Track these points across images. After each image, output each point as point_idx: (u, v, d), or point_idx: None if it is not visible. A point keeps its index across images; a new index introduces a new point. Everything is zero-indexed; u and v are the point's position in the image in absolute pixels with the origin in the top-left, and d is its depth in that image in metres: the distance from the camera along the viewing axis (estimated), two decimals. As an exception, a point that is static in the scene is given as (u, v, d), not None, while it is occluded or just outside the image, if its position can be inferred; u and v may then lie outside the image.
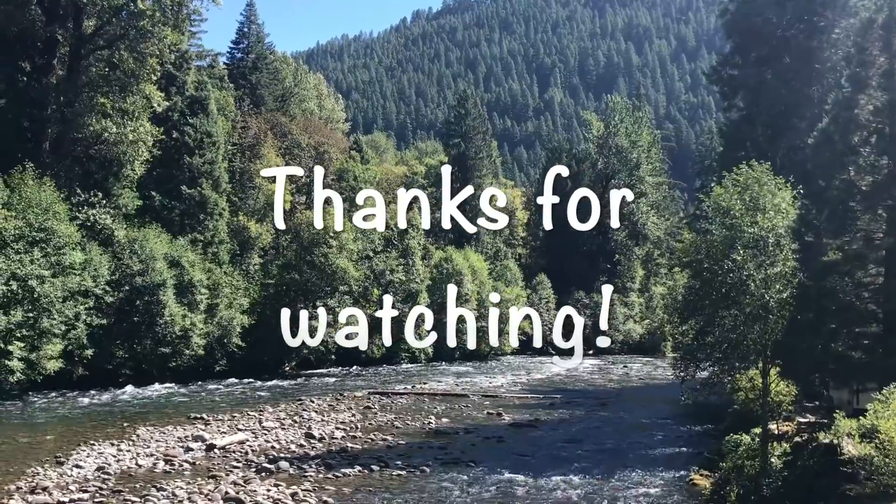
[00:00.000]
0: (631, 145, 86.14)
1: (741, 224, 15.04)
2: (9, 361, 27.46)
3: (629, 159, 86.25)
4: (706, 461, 17.20)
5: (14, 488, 14.02)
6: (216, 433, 20.61)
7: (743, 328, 15.12)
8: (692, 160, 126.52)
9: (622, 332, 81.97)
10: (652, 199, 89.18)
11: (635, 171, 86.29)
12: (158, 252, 35.38)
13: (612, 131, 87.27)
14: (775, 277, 14.61)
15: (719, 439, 17.72)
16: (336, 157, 59.05)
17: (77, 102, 36.55)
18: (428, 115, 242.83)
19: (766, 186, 15.38)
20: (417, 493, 14.51)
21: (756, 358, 15.33)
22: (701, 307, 17.68)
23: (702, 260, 17.43)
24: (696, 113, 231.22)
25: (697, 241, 18.63)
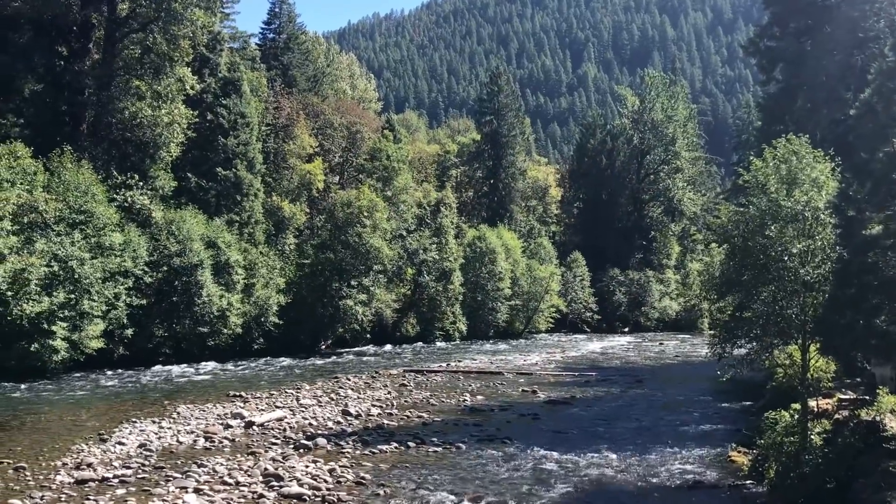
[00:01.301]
0: (666, 120, 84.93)
1: (777, 198, 14.77)
2: (52, 342, 28.10)
3: (665, 134, 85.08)
4: (744, 438, 17.05)
5: (60, 464, 14.37)
6: (255, 410, 20.90)
7: (781, 304, 14.90)
8: (729, 134, 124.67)
9: (658, 310, 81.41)
10: (688, 175, 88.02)
11: (671, 146, 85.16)
12: (195, 233, 35.80)
13: (647, 106, 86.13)
14: (813, 252, 14.35)
15: (757, 416, 17.55)
16: (368, 137, 59.12)
17: (112, 86, 36.99)
18: (460, 93, 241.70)
19: (804, 160, 15.07)
20: (453, 470, 14.59)
21: (795, 334, 15.11)
22: (738, 283, 17.43)
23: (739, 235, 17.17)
24: (732, 86, 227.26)
25: (734, 215, 18.34)
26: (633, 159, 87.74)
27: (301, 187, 50.78)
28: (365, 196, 46.21)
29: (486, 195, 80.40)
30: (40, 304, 27.43)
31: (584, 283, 75.74)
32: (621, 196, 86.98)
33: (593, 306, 76.23)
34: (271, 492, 12.59)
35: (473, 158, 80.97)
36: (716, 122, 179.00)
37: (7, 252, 26.99)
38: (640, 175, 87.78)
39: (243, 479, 13.38)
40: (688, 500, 12.73)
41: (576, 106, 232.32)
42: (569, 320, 75.25)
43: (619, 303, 79.47)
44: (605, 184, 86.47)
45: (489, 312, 61.41)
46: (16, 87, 35.78)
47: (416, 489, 13.06)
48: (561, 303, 70.43)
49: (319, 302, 43.92)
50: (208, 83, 42.49)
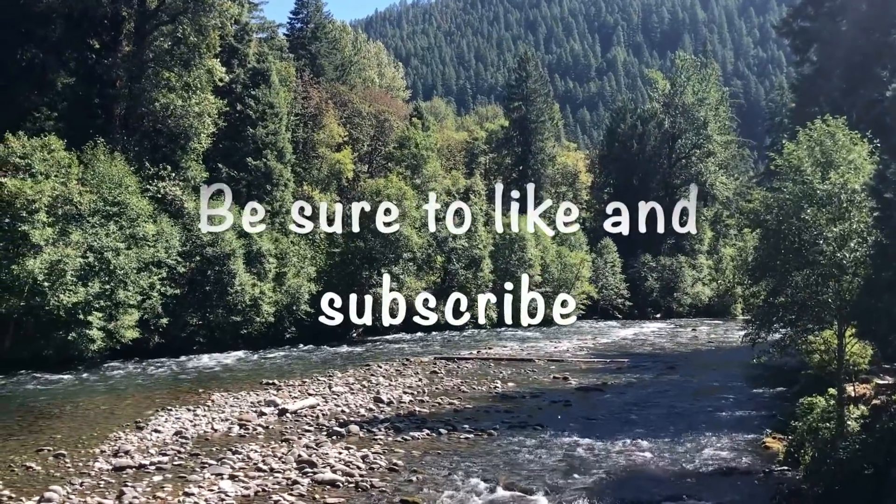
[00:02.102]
0: (698, 103, 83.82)
1: (812, 181, 14.53)
2: (89, 331, 28.59)
3: (696, 118, 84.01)
4: (779, 424, 16.85)
5: (98, 451, 14.64)
6: (288, 398, 21.10)
7: (816, 288, 14.68)
8: (762, 117, 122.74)
9: (690, 296, 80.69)
10: (720, 159, 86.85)
11: (703, 130, 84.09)
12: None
13: (678, 90, 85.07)
14: (849, 235, 14.10)
15: (792, 402, 17.32)
16: (397, 125, 59.19)
17: (143, 78, 37.37)
18: (488, 80, 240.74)
19: (839, 142, 14.80)
20: (485, 457, 14.61)
21: (830, 319, 14.88)
22: (772, 267, 17.20)
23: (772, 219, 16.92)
24: (765, 68, 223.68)
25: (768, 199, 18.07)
26: (664, 144, 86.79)
27: (331, 176, 51.03)
28: (394, 184, 46.30)
29: (515, 182, 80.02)
30: (76, 295, 27.90)
31: (615, 270, 75.30)
32: (652, 181, 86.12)
33: (624, 293, 75.78)
34: (305, 478, 12.71)
35: (502, 145, 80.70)
36: (748, 104, 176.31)
37: (43, 243, 27.48)
38: (671, 159, 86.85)
39: (277, 465, 13.52)
40: (722, 486, 12.63)
41: (605, 90, 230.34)
42: (600, 307, 74.87)
43: (651, 289, 78.90)
44: (636, 169, 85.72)
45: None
46: (48, 81, 36.28)
47: (449, 475, 13.11)
48: (592, 289, 70.11)
49: (350, 290, 44.12)
50: (237, 74, 42.78)
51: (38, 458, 14.05)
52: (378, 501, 11.65)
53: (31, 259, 26.95)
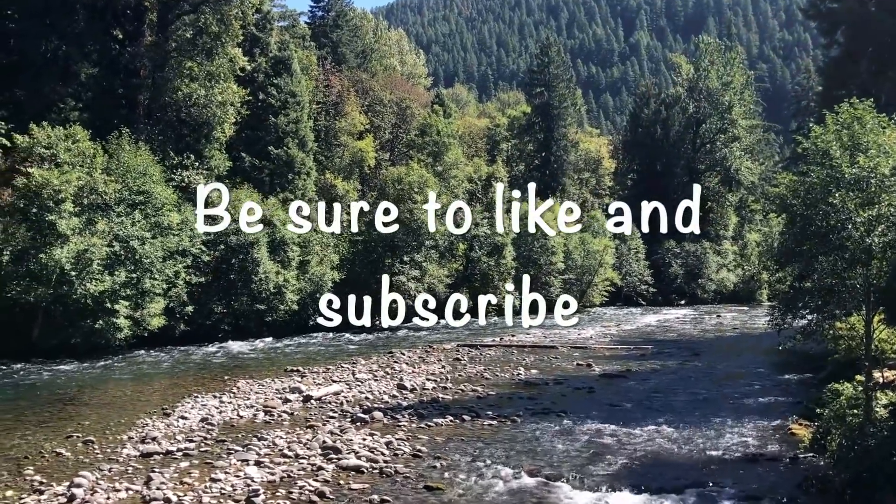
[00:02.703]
0: (723, 88, 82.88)
1: (840, 165, 14.30)
2: (116, 319, 28.95)
3: (721, 102, 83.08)
4: (805, 411, 16.70)
5: (126, 438, 14.83)
6: (312, 385, 21.23)
7: (844, 273, 14.48)
8: (788, 101, 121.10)
9: (715, 282, 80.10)
10: (745, 143, 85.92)
11: (727, 115, 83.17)
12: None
13: (702, 74, 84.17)
14: (878, 220, 13.88)
15: (819, 389, 17.17)
16: (418, 113, 59.12)
17: (166, 67, 37.62)
18: (510, 66, 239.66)
19: (868, 125, 14.54)
20: (509, 443, 14.62)
21: (858, 304, 14.68)
22: (798, 253, 17.00)
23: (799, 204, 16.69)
24: (791, 51, 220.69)
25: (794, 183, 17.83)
26: (688, 129, 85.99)
27: (353, 164, 51.12)
28: (415, 172, 46.29)
29: (537, 168, 79.80)
30: (103, 284, 28.24)
31: (639, 256, 74.91)
32: (676, 166, 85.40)
33: (648, 279, 75.38)
34: (330, 464, 12.80)
35: (524, 131, 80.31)
36: (774, 88, 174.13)
37: (70, 233, 27.81)
38: (695, 145, 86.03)
39: (302, 451, 13.62)
40: (747, 473, 12.55)
41: (628, 75, 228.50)
42: (623, 293, 74.56)
43: (675, 275, 78.39)
44: (660, 154, 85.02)
45: (542, 287, 61.14)
46: (73, 72, 36.58)
47: (473, 462, 13.14)
48: (615, 276, 69.80)
49: (373, 278, 44.25)
50: (259, 63, 42.92)
51: (67, 445, 14.26)
52: (402, 487, 11.70)
53: (59, 248, 27.30)
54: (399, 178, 45.66)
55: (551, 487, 11.74)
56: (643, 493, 11.38)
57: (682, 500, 11.15)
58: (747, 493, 11.38)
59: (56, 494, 11.10)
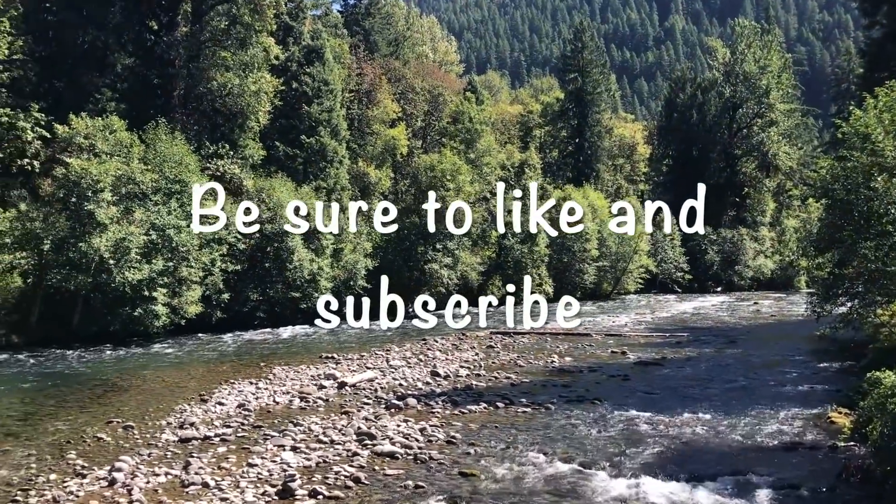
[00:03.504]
0: (760, 71, 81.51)
1: (883, 149, 14.00)
2: (154, 307, 29.39)
3: (758, 86, 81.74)
4: (845, 399, 16.42)
5: (165, 423, 15.06)
6: (346, 371, 21.37)
7: (886, 259, 14.21)
8: (827, 84, 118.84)
9: (752, 268, 79.09)
10: (783, 128, 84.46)
11: (764, 99, 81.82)
12: (285, 200, 36.60)
13: (738, 57, 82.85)
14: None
15: (859, 376, 16.84)
16: (450, 100, 58.96)
17: (201, 57, 37.96)
18: (542, 51, 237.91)
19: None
20: (543, 430, 14.58)
21: (901, 290, 14.40)
22: (839, 239, 16.71)
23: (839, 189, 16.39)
24: (831, 33, 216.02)
25: (834, 168, 17.49)
26: (724, 113, 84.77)
27: (385, 152, 51.18)
28: (448, 159, 46.23)
29: (571, 155, 79.27)
30: (141, 272, 28.66)
31: (675, 243, 74.20)
32: (712, 152, 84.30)
33: (684, 266, 74.65)
34: (365, 450, 12.87)
35: (557, 118, 79.75)
36: (813, 71, 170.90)
37: (108, 222, 28.24)
38: (732, 129, 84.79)
39: (338, 437, 13.72)
40: (786, 461, 12.38)
41: (663, 60, 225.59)
42: (659, 281, 73.96)
43: (711, 262, 77.53)
44: (696, 140, 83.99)
45: (576, 274, 60.94)
46: (109, 63, 37.12)
47: (507, 448, 13.13)
48: (650, 263, 69.25)
49: (406, 266, 44.42)
50: (292, 52, 43.10)
51: (107, 430, 14.52)
52: (437, 473, 11.73)
53: (97, 237, 27.75)
54: (431, 166, 45.66)
55: (586, 474, 11.69)
56: (679, 480, 11.28)
57: (718, 488, 11.03)
58: (785, 481, 11.23)
59: (97, 478, 11.31)
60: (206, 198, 28.00)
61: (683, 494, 10.77)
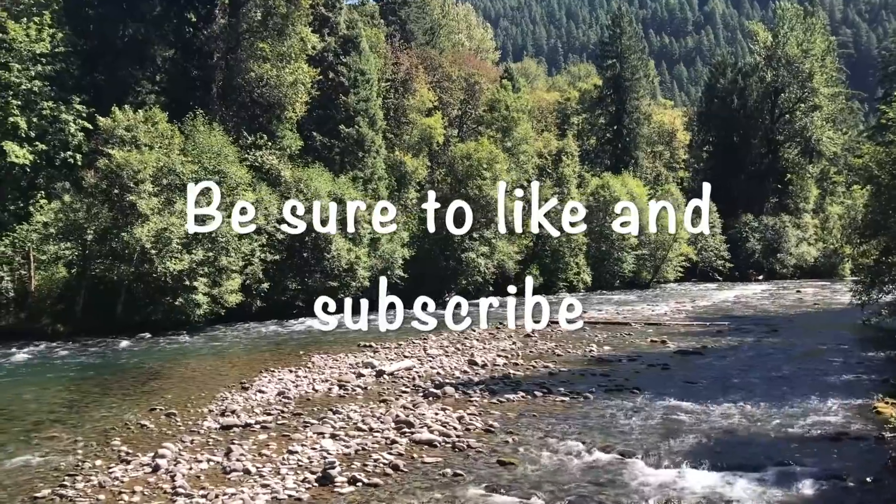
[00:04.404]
0: (802, 55, 79.82)
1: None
2: (195, 296, 29.81)
3: (801, 70, 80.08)
4: (891, 389, 16.09)
5: (207, 411, 15.27)
6: (384, 360, 21.48)
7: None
8: (874, 67, 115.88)
9: (795, 256, 77.79)
10: (827, 112, 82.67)
11: (808, 83, 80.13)
12: (322, 190, 36.84)
13: (780, 41, 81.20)
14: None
15: (907, 366, 16.49)
16: (487, 88, 58.75)
17: (239, 49, 38.27)
18: (580, 38, 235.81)
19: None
20: (581, 419, 14.50)
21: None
22: (885, 225, 16.31)
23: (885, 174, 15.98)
24: (877, 14, 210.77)
25: (880, 153, 17.07)
26: (766, 98, 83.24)
27: (422, 141, 51.22)
28: (484, 148, 46.10)
29: (609, 142, 78.57)
30: (182, 262, 29.06)
31: (715, 231, 73.24)
32: (754, 138, 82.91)
33: (725, 254, 73.69)
34: (403, 438, 12.92)
35: (595, 104, 79.06)
36: (858, 54, 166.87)
37: (150, 213, 28.67)
38: (774, 115, 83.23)
39: (376, 425, 13.79)
40: (829, 452, 12.15)
41: (703, 45, 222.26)
42: (699, 269, 73.13)
43: (753, 250, 76.41)
44: (737, 126, 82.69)
45: (615, 262, 60.51)
46: (149, 56, 37.59)
47: (545, 437, 13.08)
48: (690, 251, 68.47)
49: (442, 255, 44.46)
50: (328, 42, 43.25)
51: (151, 417, 14.77)
52: (475, 461, 11.73)
53: (139, 228, 28.19)
54: (468, 155, 45.56)
55: (625, 464, 11.60)
56: (720, 470, 11.13)
57: (760, 478, 10.86)
58: (830, 472, 11.02)
59: (141, 464, 11.51)
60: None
61: (724, 485, 10.62)
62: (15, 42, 31.72)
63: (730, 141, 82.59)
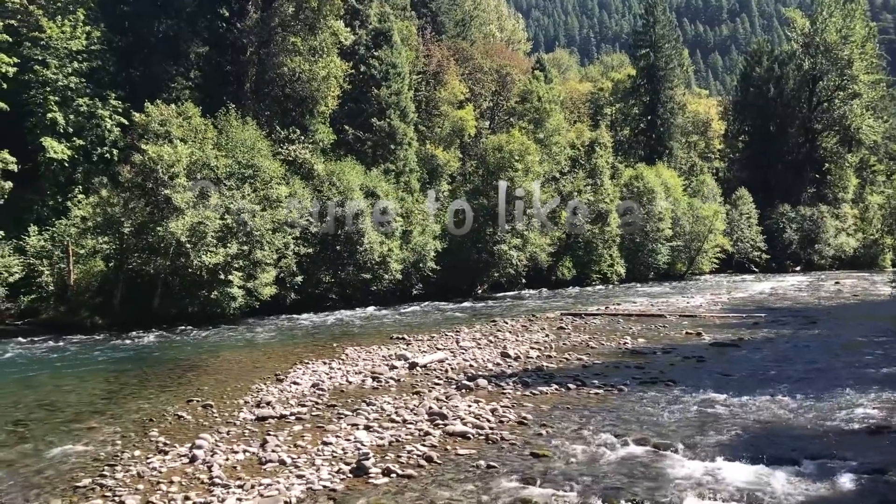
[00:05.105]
0: (841, 41, 78.24)
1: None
2: (230, 290, 30.14)
3: (840, 57, 78.52)
4: (935, 381, 15.74)
5: (242, 402, 15.43)
6: (417, 352, 21.51)
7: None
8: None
9: (833, 247, 76.51)
10: (867, 100, 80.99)
11: (847, 70, 78.57)
12: (355, 183, 36.99)
13: (819, 28, 79.67)
14: None
15: (951, 358, 16.11)
16: (518, 79, 58.46)
17: (272, 43, 38.48)
18: (612, 27, 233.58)
19: None
20: (616, 412, 14.40)
21: None
22: (928, 214, 15.93)
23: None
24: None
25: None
26: (803, 86, 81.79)
27: (453, 134, 51.15)
28: (516, 139, 45.89)
29: (643, 132, 77.82)
30: (217, 255, 29.38)
31: (751, 221, 72.29)
32: (791, 127, 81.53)
33: (761, 245, 72.70)
34: (436, 429, 12.94)
35: (629, 95, 78.33)
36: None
37: (185, 207, 29.00)
38: (811, 103, 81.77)
39: (409, 417, 13.82)
40: (870, 445, 11.92)
41: (738, 33, 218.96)
42: (735, 260, 72.26)
43: (790, 241, 75.29)
44: (773, 114, 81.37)
45: (649, 254, 60.01)
46: (182, 51, 37.97)
47: (579, 430, 13.01)
48: (726, 242, 67.66)
49: (474, 247, 44.42)
50: (359, 35, 43.32)
51: (188, 408, 14.96)
52: (509, 454, 11.71)
53: (175, 222, 28.53)
54: (499, 147, 45.40)
55: (660, 456, 11.50)
56: (757, 464, 10.98)
57: (799, 471, 10.70)
58: (869, 466, 10.82)
59: (179, 455, 11.66)
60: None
61: (761, 478, 10.48)
62: (51, 39, 32.22)
63: (766, 130, 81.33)
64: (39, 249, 29.54)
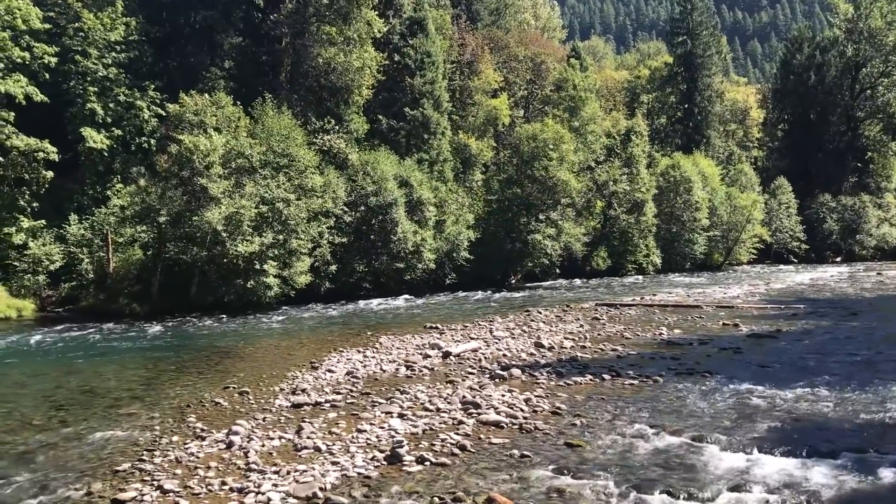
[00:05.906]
0: (887, 27, 76.41)
1: None
2: (266, 278, 30.43)
3: (884, 43, 76.70)
4: (981, 375, 15.35)
5: (278, 389, 15.58)
6: (450, 341, 21.52)
7: None
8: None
9: (875, 237, 74.99)
10: (912, 87, 79.02)
11: (892, 56, 76.76)
12: (389, 173, 37.07)
13: (862, 13, 77.85)
14: None
15: None
16: (553, 68, 58.03)
17: (306, 34, 38.62)
18: (649, 14, 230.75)
19: None
20: (651, 402, 14.27)
21: None
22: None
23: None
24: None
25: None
26: (846, 74, 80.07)
27: (487, 123, 50.98)
28: (550, 128, 45.58)
29: (680, 121, 76.87)
30: (252, 244, 29.65)
31: (791, 211, 71.14)
32: (832, 115, 79.93)
33: (801, 235, 71.52)
34: (470, 418, 12.93)
35: (666, 83, 77.39)
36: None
37: (220, 196, 29.30)
38: (854, 91, 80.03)
39: (443, 405, 13.84)
40: (913, 440, 11.67)
41: (778, 20, 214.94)
42: (773, 251, 71.21)
43: (830, 231, 73.93)
44: (814, 102, 79.81)
45: (685, 244, 59.34)
46: (217, 42, 38.30)
47: (613, 420, 12.92)
48: (764, 232, 66.68)
49: (508, 237, 44.29)
50: (393, 24, 43.31)
51: (224, 395, 15.14)
52: (542, 443, 11.66)
53: (211, 211, 28.84)
54: (533, 136, 45.14)
55: (696, 448, 11.37)
56: (795, 456, 10.80)
57: (838, 465, 10.51)
58: (913, 460, 10.59)
59: (216, 441, 11.81)
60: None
61: (800, 471, 10.31)
62: (91, 30, 32.68)
63: (806, 118, 79.85)
64: (80, 238, 30.09)
